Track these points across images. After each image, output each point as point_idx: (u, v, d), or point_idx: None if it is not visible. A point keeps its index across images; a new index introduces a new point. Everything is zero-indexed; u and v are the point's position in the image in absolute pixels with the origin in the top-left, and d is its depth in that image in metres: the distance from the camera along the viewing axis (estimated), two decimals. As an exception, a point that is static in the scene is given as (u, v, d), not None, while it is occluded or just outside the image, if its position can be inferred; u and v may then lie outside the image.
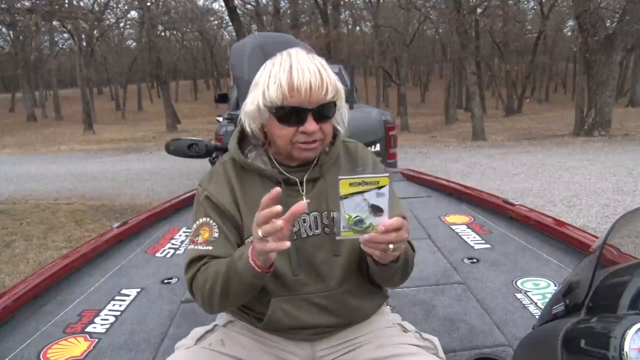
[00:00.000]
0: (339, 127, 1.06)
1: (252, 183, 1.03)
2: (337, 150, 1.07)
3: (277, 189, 0.78)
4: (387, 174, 0.78)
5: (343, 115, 1.04)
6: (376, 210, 0.78)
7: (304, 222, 1.01)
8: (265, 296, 1.00)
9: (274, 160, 1.04)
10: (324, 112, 0.95)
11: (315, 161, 1.04)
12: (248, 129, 1.02)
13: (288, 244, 0.78)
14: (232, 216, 1.01)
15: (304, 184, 1.02)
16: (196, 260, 0.97)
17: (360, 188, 0.77)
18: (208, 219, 1.01)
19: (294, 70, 0.92)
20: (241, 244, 1.00)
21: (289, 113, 0.93)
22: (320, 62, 0.96)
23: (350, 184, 0.77)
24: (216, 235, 0.99)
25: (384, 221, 0.78)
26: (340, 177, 0.77)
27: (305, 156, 1.00)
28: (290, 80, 0.92)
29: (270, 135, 1.01)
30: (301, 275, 1.00)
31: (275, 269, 0.91)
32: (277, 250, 0.79)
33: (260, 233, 0.78)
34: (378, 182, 0.77)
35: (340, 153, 1.09)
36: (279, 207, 0.76)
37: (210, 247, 0.98)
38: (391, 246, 0.81)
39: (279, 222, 0.76)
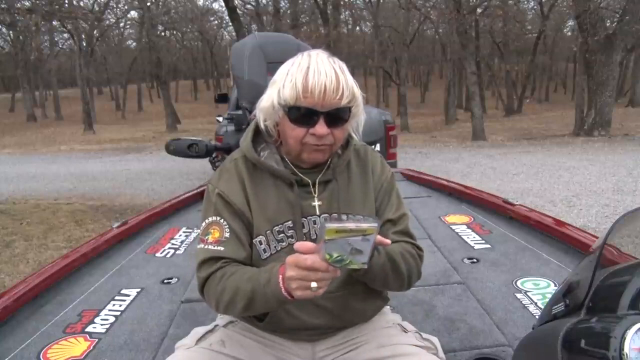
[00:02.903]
0: (354, 135, 1.06)
1: (263, 182, 1.02)
2: (349, 155, 1.07)
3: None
4: (375, 224, 0.74)
5: (359, 122, 1.03)
6: (357, 251, 0.76)
7: (315, 223, 1.02)
8: None
9: (286, 161, 1.04)
10: (336, 116, 0.94)
11: (328, 164, 1.04)
12: (262, 125, 1.02)
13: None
14: (243, 214, 1.00)
15: (316, 185, 1.02)
16: (209, 262, 0.97)
17: (346, 234, 0.74)
18: (218, 218, 1.00)
19: (310, 71, 0.92)
20: (251, 243, 1.01)
21: (301, 114, 0.93)
22: (340, 66, 0.95)
23: (337, 231, 0.74)
24: (227, 235, 0.98)
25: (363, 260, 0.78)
26: (327, 225, 0.73)
27: (314, 157, 0.99)
28: (305, 81, 0.91)
29: (282, 133, 1.01)
30: None
31: None
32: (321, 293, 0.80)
33: (314, 285, 0.77)
34: (365, 231, 0.74)
35: (351, 157, 1.09)
36: (338, 272, 0.78)
37: (222, 248, 0.97)
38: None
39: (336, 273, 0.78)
